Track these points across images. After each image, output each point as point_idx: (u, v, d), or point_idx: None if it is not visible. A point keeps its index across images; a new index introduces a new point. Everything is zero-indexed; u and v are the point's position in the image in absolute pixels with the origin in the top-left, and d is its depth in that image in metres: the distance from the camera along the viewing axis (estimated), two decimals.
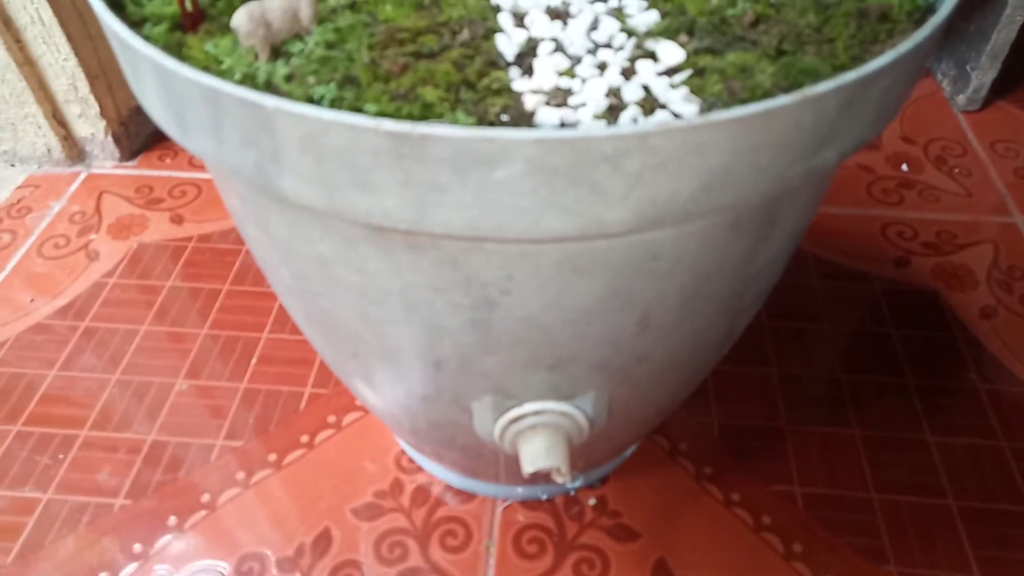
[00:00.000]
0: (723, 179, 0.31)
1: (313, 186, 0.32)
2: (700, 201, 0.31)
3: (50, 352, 0.76)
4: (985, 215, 0.87)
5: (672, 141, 0.29)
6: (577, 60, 0.38)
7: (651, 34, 0.39)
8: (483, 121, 0.34)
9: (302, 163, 0.31)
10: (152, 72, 0.33)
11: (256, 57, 0.37)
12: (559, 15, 0.41)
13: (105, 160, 0.97)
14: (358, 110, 0.35)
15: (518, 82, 0.37)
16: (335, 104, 0.35)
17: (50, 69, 0.85)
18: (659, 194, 0.31)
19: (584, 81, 0.37)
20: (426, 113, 0.35)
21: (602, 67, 0.38)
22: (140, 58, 0.33)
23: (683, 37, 0.39)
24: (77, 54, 0.84)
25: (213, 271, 0.84)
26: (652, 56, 0.38)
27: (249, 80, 0.36)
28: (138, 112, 0.98)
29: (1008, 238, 0.84)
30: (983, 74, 1.00)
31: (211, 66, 0.37)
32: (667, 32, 0.39)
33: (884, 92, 0.33)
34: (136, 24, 0.39)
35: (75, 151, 0.94)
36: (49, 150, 0.92)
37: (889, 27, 0.38)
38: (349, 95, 0.35)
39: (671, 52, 0.38)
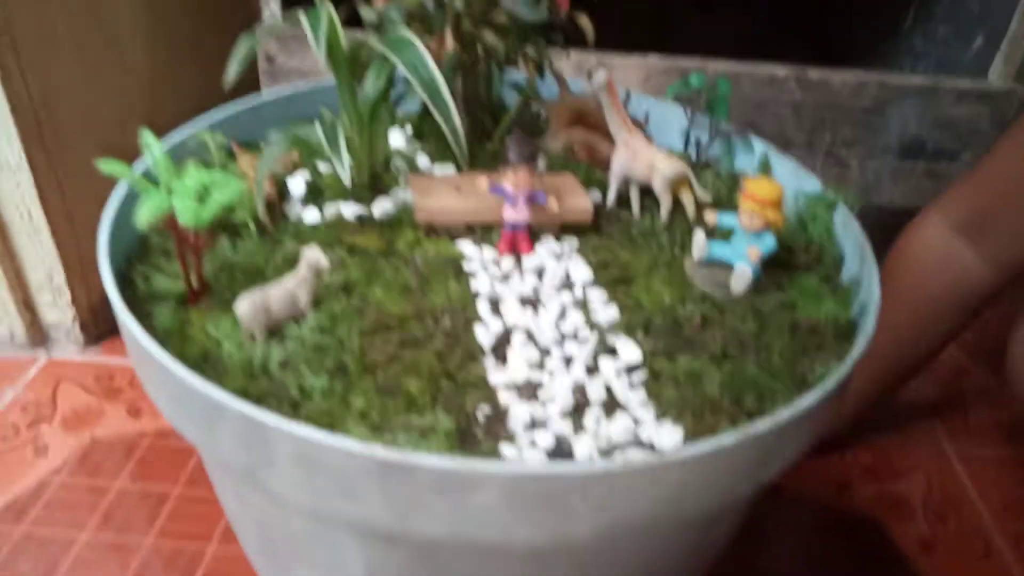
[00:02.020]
0: (679, 499, 0.34)
1: (301, 491, 0.34)
2: (659, 515, 0.35)
3: None
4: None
5: (636, 476, 0.32)
6: (546, 351, 0.43)
7: (612, 328, 0.45)
8: (461, 418, 0.38)
9: (294, 473, 0.33)
10: (158, 371, 0.36)
11: (253, 339, 0.41)
12: (530, 302, 0.46)
13: (68, 345, 0.97)
14: (346, 403, 0.38)
15: (493, 374, 0.41)
16: (326, 396, 0.38)
17: (29, 261, 0.88)
18: (622, 513, 0.34)
19: (552, 375, 0.42)
20: (410, 408, 0.38)
21: (568, 360, 0.43)
22: (146, 355, 0.36)
23: (640, 334, 0.44)
24: (59, 249, 0.87)
25: (166, 471, 0.83)
26: (613, 351, 0.43)
27: (246, 366, 0.39)
28: (108, 300, 1.00)
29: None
30: None
31: (212, 349, 0.40)
32: (627, 328, 0.45)
33: (816, 420, 0.38)
34: (144, 301, 0.42)
35: (39, 336, 0.95)
36: (12, 334, 0.93)
37: (818, 340, 0.44)
38: (339, 387, 0.39)
39: (630, 351, 0.43)
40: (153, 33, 0.98)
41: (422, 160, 0.57)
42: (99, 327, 1.00)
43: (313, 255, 0.42)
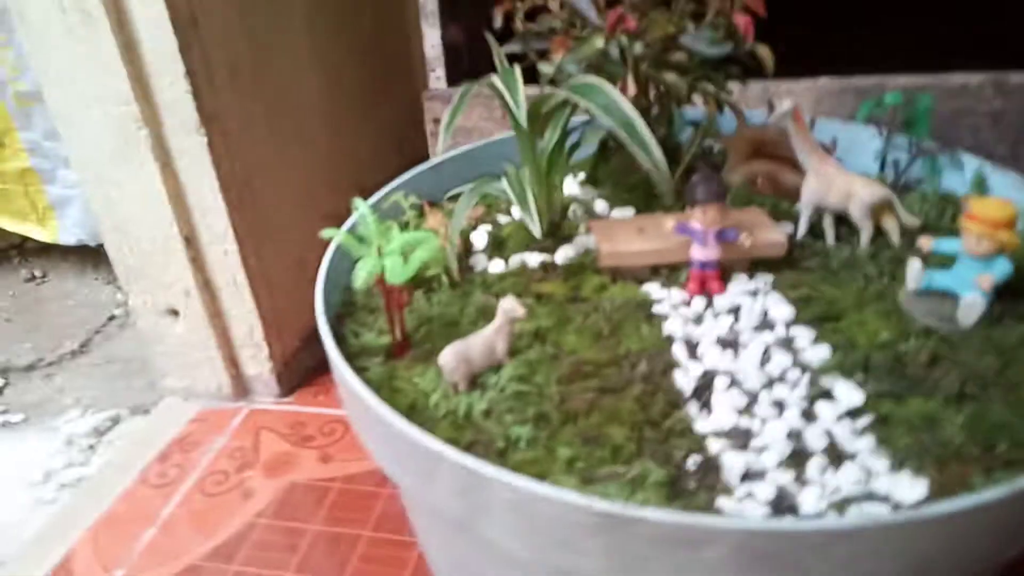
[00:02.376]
0: (933, 561, 0.31)
1: (517, 540, 0.34)
2: None
3: None
4: None
5: (882, 533, 0.29)
6: (753, 396, 0.41)
7: (824, 370, 0.41)
8: (670, 468, 0.36)
9: (510, 522, 0.33)
10: (376, 423, 0.37)
11: (456, 388, 0.42)
12: (729, 344, 0.44)
13: (265, 396, 1.06)
14: (552, 451, 0.38)
15: (699, 422, 0.39)
16: (531, 445, 0.38)
17: (234, 320, 0.98)
18: (863, 574, 0.31)
19: (763, 422, 0.39)
20: (616, 458, 0.37)
21: (779, 405, 0.40)
22: (365, 408, 0.38)
23: (859, 375, 0.41)
24: (259, 308, 0.96)
25: (355, 515, 0.87)
26: (828, 394, 0.40)
27: (451, 415, 0.40)
28: (298, 352, 1.08)
29: None
30: None
31: (419, 399, 0.42)
32: (841, 368, 0.41)
33: None
34: (354, 355, 0.45)
35: (241, 388, 1.04)
36: (219, 387, 1.03)
37: None
38: (543, 434, 0.39)
39: (849, 393, 0.40)
40: (331, 108, 1.07)
41: (599, 205, 0.57)
42: (291, 379, 1.08)
43: (509, 304, 0.42)
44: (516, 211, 0.47)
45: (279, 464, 0.95)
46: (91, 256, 1.42)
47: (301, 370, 1.09)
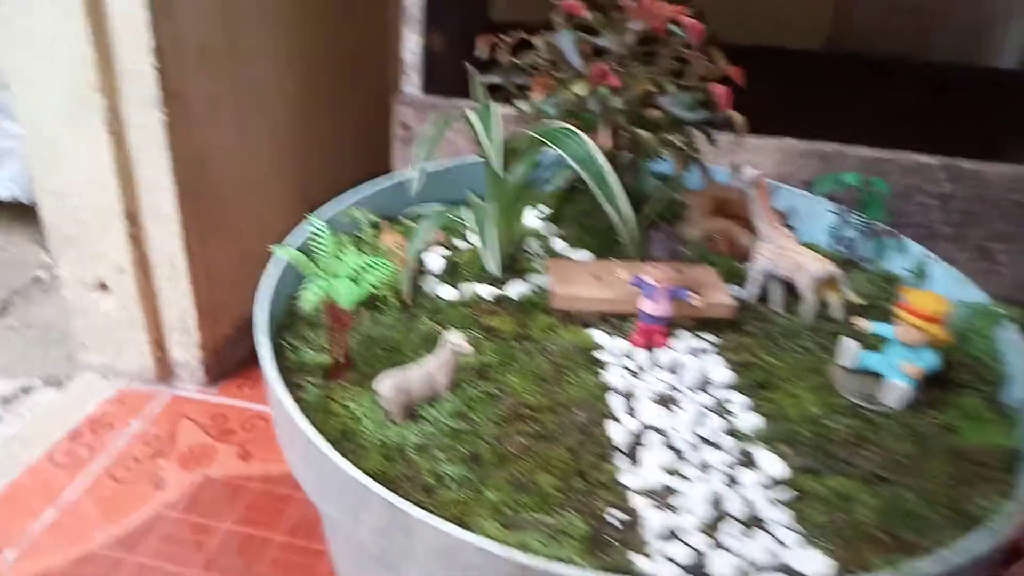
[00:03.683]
0: None
1: None
2: None
3: None
4: None
5: None
6: (681, 455, 0.42)
7: (754, 438, 0.43)
8: (593, 521, 0.38)
9: (430, 565, 0.34)
10: (307, 450, 0.38)
11: (391, 418, 0.42)
12: (666, 401, 0.46)
13: (190, 383, 1.04)
14: (480, 494, 0.39)
15: (626, 475, 0.41)
16: (460, 485, 0.39)
17: (167, 303, 0.95)
18: None
19: (689, 481, 0.41)
20: (541, 506, 0.38)
21: (705, 467, 0.42)
22: (298, 434, 0.38)
23: (785, 448, 0.43)
24: (195, 294, 0.94)
25: (269, 517, 0.86)
26: (754, 463, 0.42)
27: (383, 446, 0.41)
28: (230, 341, 1.06)
29: None
30: None
31: (352, 426, 0.42)
32: (769, 439, 0.43)
33: (982, 559, 0.35)
34: (291, 371, 0.45)
35: (165, 372, 1.01)
36: (142, 369, 1.00)
37: (981, 470, 0.42)
38: (473, 476, 0.40)
39: (774, 464, 0.42)
40: (299, 100, 1.06)
41: (558, 244, 0.58)
42: (219, 368, 1.06)
43: (456, 340, 0.43)
44: (475, 239, 0.48)
45: (195, 456, 0.93)
46: (23, 213, 1.37)
47: (230, 360, 1.07)
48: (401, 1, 0.91)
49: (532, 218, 0.62)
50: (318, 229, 0.41)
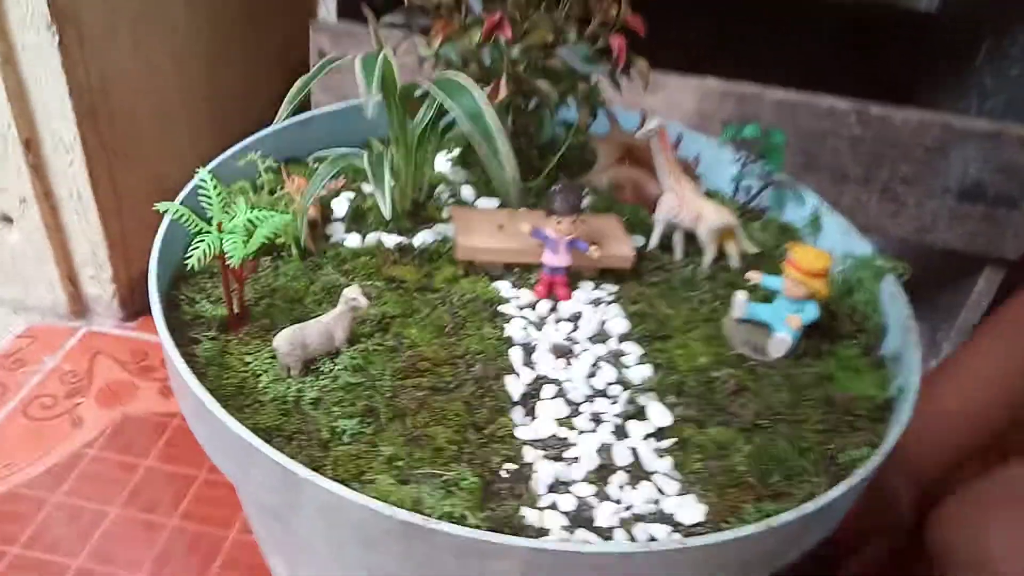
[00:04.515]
0: None
1: (323, 539, 0.35)
2: None
3: (14, 526, 0.76)
4: None
5: (652, 559, 0.33)
6: (575, 408, 0.43)
7: (643, 389, 0.45)
8: (486, 473, 0.39)
9: (318, 521, 0.35)
10: (200, 410, 0.37)
11: (288, 372, 0.42)
12: (563, 353, 0.47)
13: (106, 318, 1.00)
14: (375, 448, 0.39)
15: (520, 428, 0.42)
16: (355, 438, 0.39)
17: (75, 236, 0.91)
18: None
19: (580, 434, 0.42)
20: (435, 458, 0.39)
21: (596, 419, 0.43)
22: (191, 394, 0.37)
23: (672, 397, 0.44)
24: (104, 226, 0.90)
25: (192, 455, 0.85)
26: (642, 414, 0.44)
27: (279, 400, 0.41)
28: (147, 275, 1.03)
29: None
30: (952, 346, 1.08)
31: (248, 380, 0.41)
32: (658, 388, 0.45)
33: (840, 509, 0.38)
34: (187, 325, 0.44)
35: (79, 308, 0.98)
36: (55, 305, 0.96)
37: (852, 419, 0.44)
38: (368, 430, 0.40)
39: (660, 414, 0.43)
40: (209, 25, 1.00)
41: (466, 190, 0.57)
42: (136, 303, 1.03)
43: (353, 293, 0.42)
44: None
45: (114, 393, 0.91)
46: None
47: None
48: None
49: (443, 162, 0.60)
50: (203, 182, 0.39)
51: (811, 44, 1.26)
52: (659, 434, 0.42)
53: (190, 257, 0.39)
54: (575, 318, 0.49)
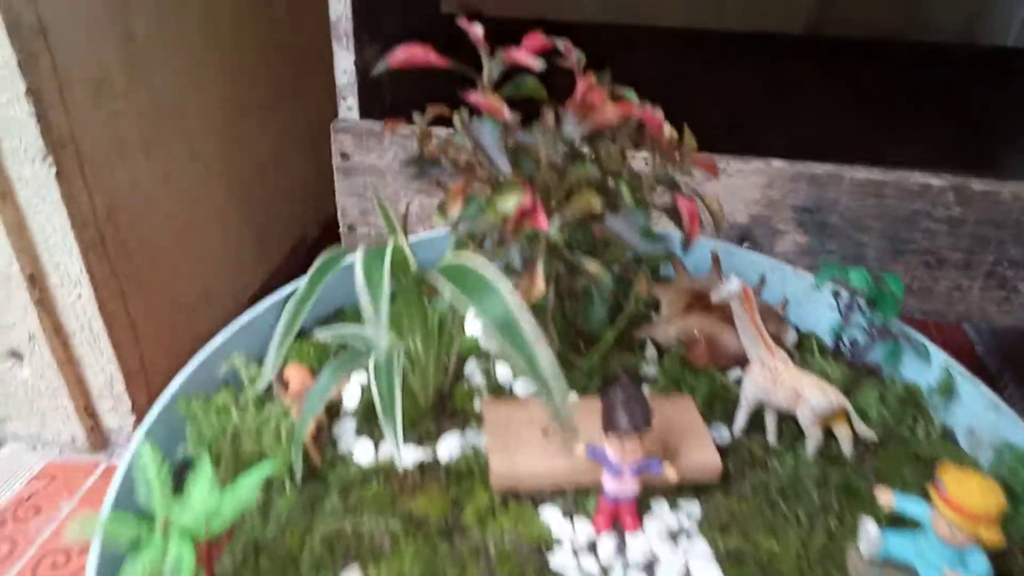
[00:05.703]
0: None
1: None
2: None
3: None
4: None
5: None
6: None
7: None
8: None
9: None
10: None
11: None
12: None
13: (128, 450, 0.92)
14: None
15: None
16: None
17: (90, 369, 0.83)
18: None
19: None
20: None
21: None
22: None
23: None
24: (119, 357, 0.81)
25: None
26: None
27: None
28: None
29: None
30: None
31: None
32: None
33: None
34: None
35: (100, 440, 0.90)
36: (74, 439, 0.88)
37: None
38: None
39: None
40: (230, 123, 0.92)
41: (501, 369, 0.46)
42: None
43: None
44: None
45: None
46: None
47: None
48: (329, 16, 0.76)
49: (474, 319, 0.49)
50: (141, 460, 0.29)
51: (879, 91, 1.11)
52: None
53: None
54: (649, 566, 0.36)
